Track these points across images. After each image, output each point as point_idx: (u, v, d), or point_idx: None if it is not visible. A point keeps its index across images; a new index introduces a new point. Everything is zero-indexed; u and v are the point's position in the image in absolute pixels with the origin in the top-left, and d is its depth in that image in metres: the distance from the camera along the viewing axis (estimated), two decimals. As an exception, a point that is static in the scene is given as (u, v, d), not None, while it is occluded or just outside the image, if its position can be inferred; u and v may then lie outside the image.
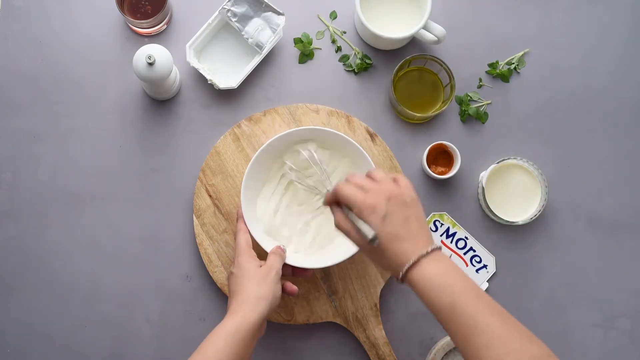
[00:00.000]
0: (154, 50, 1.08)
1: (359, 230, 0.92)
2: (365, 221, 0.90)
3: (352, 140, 1.11)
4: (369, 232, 0.90)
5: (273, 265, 1.05)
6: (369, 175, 0.95)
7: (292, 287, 1.07)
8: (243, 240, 1.07)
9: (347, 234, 0.94)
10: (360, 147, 1.11)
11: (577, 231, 1.20)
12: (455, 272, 0.88)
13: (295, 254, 1.12)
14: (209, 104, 1.21)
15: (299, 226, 1.15)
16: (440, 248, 0.91)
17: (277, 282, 1.03)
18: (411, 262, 0.88)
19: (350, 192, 0.92)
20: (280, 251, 1.08)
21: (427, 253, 0.89)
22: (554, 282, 1.19)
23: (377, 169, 0.98)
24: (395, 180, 0.94)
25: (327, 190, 1.01)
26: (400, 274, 0.89)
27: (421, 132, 1.21)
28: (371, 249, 0.92)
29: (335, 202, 0.95)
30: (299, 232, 1.15)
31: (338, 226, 0.95)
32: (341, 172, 1.15)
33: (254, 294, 1.00)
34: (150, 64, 1.07)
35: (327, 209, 1.14)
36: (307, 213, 1.16)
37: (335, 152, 1.15)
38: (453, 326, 0.85)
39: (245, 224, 1.09)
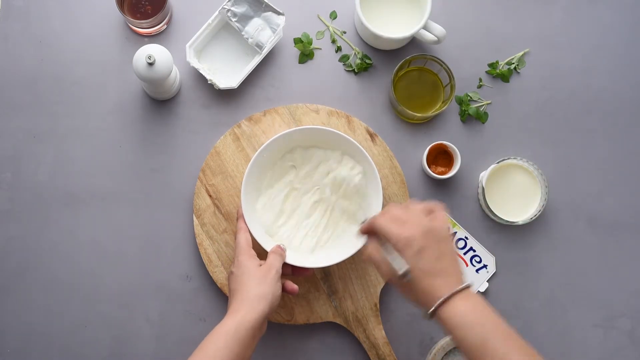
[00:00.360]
0: (154, 50, 1.08)
1: (390, 264, 0.92)
2: (400, 254, 0.91)
3: (352, 140, 1.11)
4: (402, 267, 0.90)
5: (273, 264, 1.04)
6: (406, 206, 0.95)
7: (292, 286, 1.07)
8: (243, 239, 1.07)
9: (377, 266, 0.94)
10: (361, 147, 1.11)
11: (577, 231, 1.20)
12: (487, 311, 0.89)
13: (295, 254, 1.12)
14: (209, 104, 1.21)
15: (299, 226, 1.15)
16: (471, 286, 0.91)
17: (277, 280, 1.03)
18: (443, 298, 0.88)
19: (387, 224, 0.93)
20: (280, 250, 1.08)
21: (460, 290, 0.89)
22: (554, 282, 1.19)
23: (414, 200, 0.99)
24: (431, 212, 0.94)
25: (364, 220, 1.01)
26: (431, 309, 0.89)
27: (421, 132, 1.21)
28: (401, 283, 0.92)
29: (371, 232, 0.97)
30: (299, 232, 1.15)
31: (370, 257, 0.95)
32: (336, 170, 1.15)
33: (254, 293, 1.00)
34: (150, 64, 1.07)
35: (333, 217, 1.15)
36: (307, 213, 1.16)
37: (335, 152, 1.15)
38: None
39: (246, 223, 1.09)
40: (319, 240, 1.14)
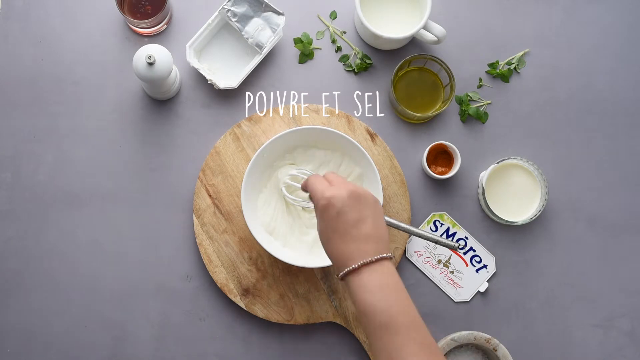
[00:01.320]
0: (154, 50, 1.08)
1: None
2: (320, 216, 0.88)
3: (353, 140, 1.11)
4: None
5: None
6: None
7: None
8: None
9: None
10: (361, 147, 1.11)
11: (577, 231, 1.20)
12: (396, 292, 0.84)
13: (294, 253, 1.12)
14: (209, 104, 1.21)
15: (300, 226, 1.15)
16: (391, 258, 0.86)
17: None
18: (351, 267, 0.84)
19: (315, 182, 0.90)
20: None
21: (372, 261, 0.84)
22: (554, 282, 1.19)
23: None
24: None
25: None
26: (338, 275, 0.86)
27: (421, 132, 1.21)
28: (321, 240, 0.89)
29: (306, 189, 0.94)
30: (299, 231, 1.15)
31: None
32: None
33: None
34: (150, 64, 1.07)
35: None
36: (307, 213, 1.16)
37: (335, 153, 1.15)
38: (377, 342, 0.82)
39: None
40: (315, 237, 1.14)
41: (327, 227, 0.87)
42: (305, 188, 0.95)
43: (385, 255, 0.85)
